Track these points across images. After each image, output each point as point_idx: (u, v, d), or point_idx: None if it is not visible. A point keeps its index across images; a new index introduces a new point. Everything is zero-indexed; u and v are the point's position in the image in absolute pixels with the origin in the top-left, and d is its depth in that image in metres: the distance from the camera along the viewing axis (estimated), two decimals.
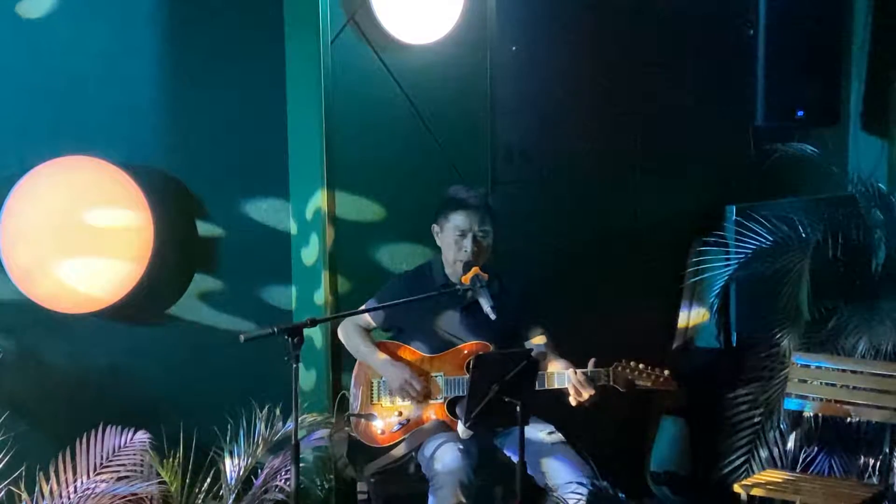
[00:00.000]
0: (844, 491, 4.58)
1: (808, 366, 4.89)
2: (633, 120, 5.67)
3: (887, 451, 4.74)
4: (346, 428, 4.46)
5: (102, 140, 4.52)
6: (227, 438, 4.34)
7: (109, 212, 4.47)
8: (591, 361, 4.19)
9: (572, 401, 4.19)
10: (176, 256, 4.68)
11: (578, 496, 4.07)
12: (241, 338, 3.67)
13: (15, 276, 4.38)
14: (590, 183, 5.57)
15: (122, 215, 4.49)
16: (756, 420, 5.18)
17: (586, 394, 4.15)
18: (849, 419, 4.93)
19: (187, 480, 4.26)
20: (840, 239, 5.19)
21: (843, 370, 4.85)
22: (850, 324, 5.00)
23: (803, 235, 5.20)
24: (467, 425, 3.89)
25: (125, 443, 4.16)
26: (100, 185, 4.50)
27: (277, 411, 4.32)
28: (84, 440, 4.11)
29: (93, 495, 4.00)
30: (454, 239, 4.41)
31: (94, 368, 4.56)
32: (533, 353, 3.87)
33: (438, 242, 4.51)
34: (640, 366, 4.20)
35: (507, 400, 3.72)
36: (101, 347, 4.58)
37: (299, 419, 3.78)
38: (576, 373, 4.18)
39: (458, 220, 4.41)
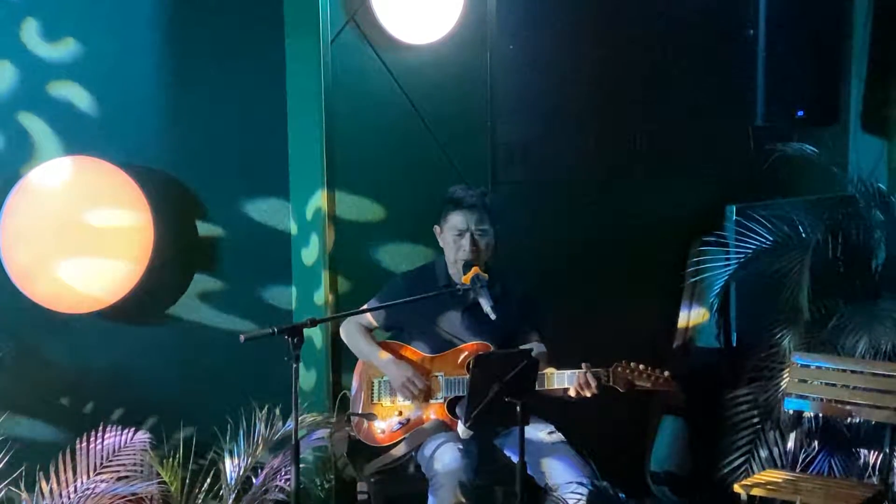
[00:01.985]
0: (844, 491, 4.57)
1: (808, 366, 4.89)
2: (632, 120, 5.67)
3: (887, 451, 4.73)
4: (347, 427, 4.46)
5: (102, 140, 4.52)
6: (227, 438, 4.33)
7: (109, 212, 4.47)
8: (585, 365, 4.20)
9: (572, 392, 4.20)
10: (176, 256, 4.68)
11: (578, 496, 4.07)
12: (241, 338, 3.67)
13: (15, 276, 4.39)
14: (589, 183, 5.57)
15: (122, 215, 4.49)
16: (756, 420, 5.17)
17: (589, 392, 4.17)
18: (849, 419, 4.93)
19: (187, 480, 4.26)
20: (840, 239, 5.18)
21: (843, 370, 4.84)
22: (850, 324, 4.99)
23: (803, 235, 5.19)
24: (467, 425, 3.89)
25: (125, 443, 4.17)
26: (100, 185, 4.50)
27: (277, 411, 4.31)
28: (84, 440, 4.11)
29: (93, 495, 4.00)
30: (453, 238, 4.41)
31: (94, 368, 4.56)
32: (533, 353, 3.87)
33: (441, 244, 4.51)
34: (640, 367, 4.21)
35: (507, 400, 3.72)
36: (101, 347, 4.59)
37: (299, 419, 3.78)
38: (585, 373, 4.17)
39: (455, 219, 4.41)
